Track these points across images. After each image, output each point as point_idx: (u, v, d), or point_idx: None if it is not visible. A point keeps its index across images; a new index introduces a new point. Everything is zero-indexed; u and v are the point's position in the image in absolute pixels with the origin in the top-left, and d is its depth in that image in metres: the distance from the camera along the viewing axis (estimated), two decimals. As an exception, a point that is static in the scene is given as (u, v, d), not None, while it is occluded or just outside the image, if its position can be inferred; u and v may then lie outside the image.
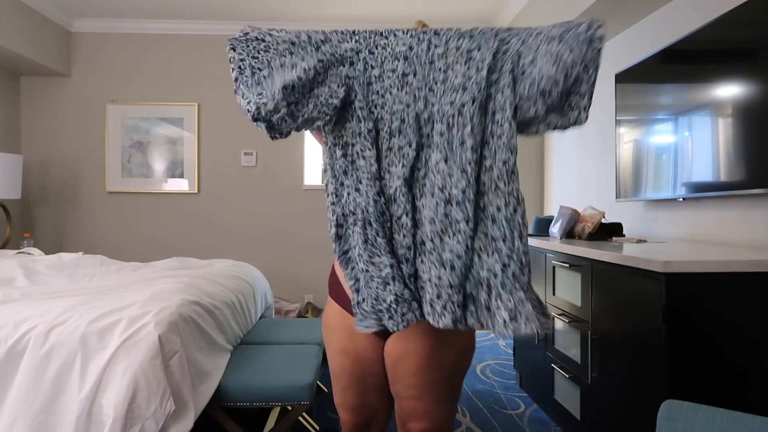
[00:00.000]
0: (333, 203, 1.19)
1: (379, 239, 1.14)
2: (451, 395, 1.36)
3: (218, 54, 4.42)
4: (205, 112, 4.43)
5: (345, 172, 1.18)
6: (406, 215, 1.16)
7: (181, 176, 4.42)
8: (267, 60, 1.14)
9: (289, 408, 2.11)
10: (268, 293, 3.23)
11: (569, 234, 2.63)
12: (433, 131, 1.16)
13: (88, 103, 4.38)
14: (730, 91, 2.09)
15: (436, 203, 1.13)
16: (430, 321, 1.13)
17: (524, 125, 1.16)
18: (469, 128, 1.13)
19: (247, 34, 1.16)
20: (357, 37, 1.18)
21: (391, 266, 1.14)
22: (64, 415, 1.70)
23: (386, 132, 1.18)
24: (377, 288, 1.14)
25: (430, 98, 1.17)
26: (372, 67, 1.17)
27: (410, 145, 1.16)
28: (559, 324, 2.49)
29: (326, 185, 1.21)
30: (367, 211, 1.15)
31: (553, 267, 2.54)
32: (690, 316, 1.61)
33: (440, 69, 1.16)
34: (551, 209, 4.18)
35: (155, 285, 2.33)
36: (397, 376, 1.33)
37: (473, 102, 1.13)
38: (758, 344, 1.61)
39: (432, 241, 1.14)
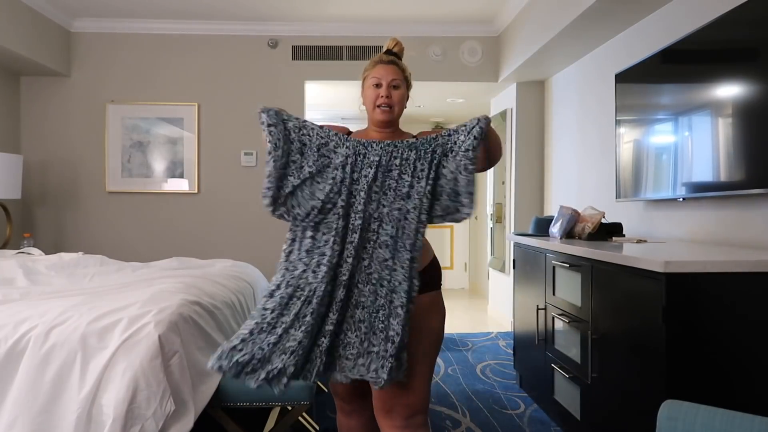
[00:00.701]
0: (288, 270, 1.41)
1: (308, 318, 1.34)
2: (429, 372, 1.55)
3: (218, 54, 4.42)
4: (205, 112, 4.43)
5: (308, 252, 1.40)
6: (347, 298, 1.38)
7: (181, 176, 4.42)
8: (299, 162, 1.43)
9: (289, 408, 2.11)
10: (268, 293, 3.22)
11: (569, 234, 2.63)
12: (381, 230, 1.40)
13: (88, 103, 4.37)
14: (730, 91, 2.09)
15: (385, 293, 1.37)
16: (370, 380, 1.36)
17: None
18: (412, 231, 1.38)
19: (285, 121, 1.43)
20: (348, 144, 1.43)
21: (299, 343, 1.34)
22: (64, 415, 1.70)
23: (350, 228, 1.40)
24: (272, 353, 1.34)
25: (383, 201, 1.41)
26: (353, 172, 1.42)
27: (359, 241, 1.39)
28: (559, 324, 2.49)
29: (287, 253, 1.43)
30: (313, 293, 1.35)
31: (553, 267, 2.54)
32: (690, 316, 1.61)
33: (394, 177, 1.41)
34: (551, 209, 4.18)
35: (155, 285, 2.33)
36: None
37: (415, 209, 1.38)
38: (758, 344, 1.61)
39: (379, 321, 1.37)
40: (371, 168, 1.41)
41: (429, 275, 1.53)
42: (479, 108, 5.62)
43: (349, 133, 1.64)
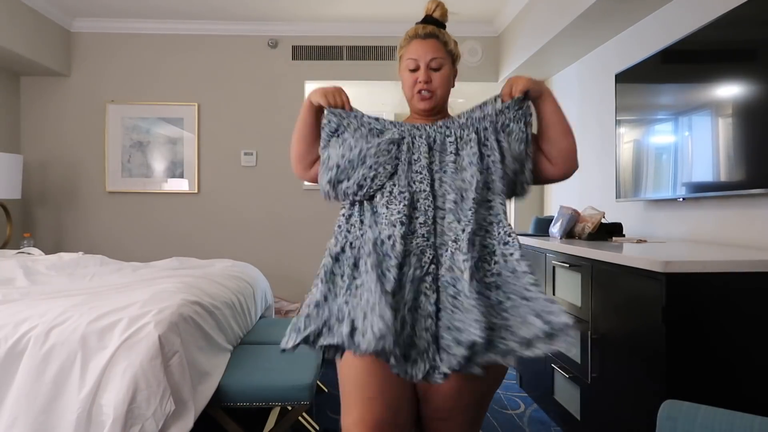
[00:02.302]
0: (350, 231, 1.31)
1: (390, 275, 1.23)
2: (478, 418, 1.35)
3: (218, 54, 4.42)
4: (205, 112, 4.43)
5: (371, 217, 1.30)
6: (429, 275, 1.26)
7: (181, 176, 4.42)
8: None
9: (289, 408, 2.11)
10: (268, 293, 3.22)
11: (569, 234, 2.63)
12: (446, 201, 1.29)
13: (88, 103, 4.37)
14: (730, 91, 2.09)
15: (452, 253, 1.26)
16: (444, 368, 1.18)
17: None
18: (473, 196, 1.26)
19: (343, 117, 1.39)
20: (401, 128, 1.33)
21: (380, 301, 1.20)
22: (64, 415, 1.70)
23: (418, 209, 1.28)
24: (353, 311, 1.21)
25: (444, 179, 1.29)
26: (412, 152, 1.30)
27: (431, 220, 1.28)
28: (559, 324, 2.49)
29: (348, 217, 1.33)
30: (389, 252, 1.26)
31: (553, 267, 2.54)
32: (690, 316, 1.61)
33: (451, 152, 1.29)
34: (551, 209, 4.18)
35: (155, 285, 2.33)
36: (427, 396, 1.29)
37: (476, 180, 1.26)
38: (758, 344, 1.61)
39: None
40: (427, 148, 1.31)
41: None
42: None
43: None
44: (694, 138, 2.32)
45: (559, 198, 4.07)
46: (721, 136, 2.13)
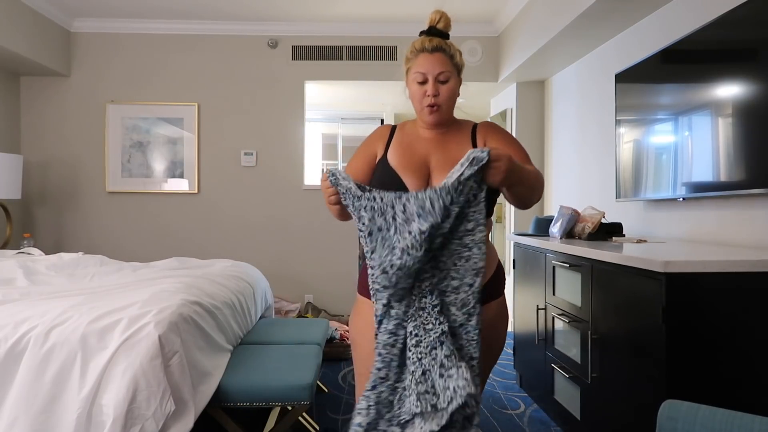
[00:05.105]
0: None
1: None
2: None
3: (218, 54, 4.42)
4: (205, 112, 4.43)
5: None
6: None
7: (181, 176, 4.42)
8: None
9: (289, 408, 2.11)
10: (268, 293, 3.22)
11: (569, 234, 2.63)
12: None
13: (88, 103, 4.37)
14: (730, 91, 2.09)
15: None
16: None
17: None
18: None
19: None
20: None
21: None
22: (64, 415, 1.70)
23: None
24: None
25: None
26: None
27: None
28: (559, 324, 2.49)
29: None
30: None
31: (553, 267, 2.54)
32: (690, 316, 1.61)
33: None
34: (551, 209, 4.18)
35: (155, 285, 2.33)
36: None
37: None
38: (758, 344, 1.61)
39: None
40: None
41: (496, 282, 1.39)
42: (479, 108, 5.62)
43: (394, 128, 1.49)
44: (694, 138, 2.32)
45: (559, 198, 4.07)
46: (721, 136, 2.13)
